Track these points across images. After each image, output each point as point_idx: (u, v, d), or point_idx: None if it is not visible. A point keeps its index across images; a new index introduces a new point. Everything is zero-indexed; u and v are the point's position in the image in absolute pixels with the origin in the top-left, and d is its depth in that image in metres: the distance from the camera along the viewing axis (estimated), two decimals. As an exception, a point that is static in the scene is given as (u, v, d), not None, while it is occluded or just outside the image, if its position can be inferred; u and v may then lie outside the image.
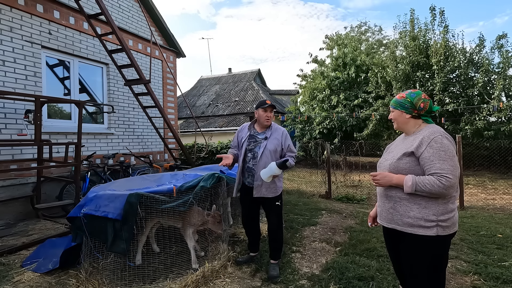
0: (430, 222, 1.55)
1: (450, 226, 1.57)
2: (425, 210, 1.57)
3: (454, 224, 1.60)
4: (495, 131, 9.10)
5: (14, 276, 2.76)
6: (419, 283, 1.63)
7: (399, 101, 1.74)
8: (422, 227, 1.57)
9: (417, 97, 1.69)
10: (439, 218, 1.55)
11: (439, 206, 1.56)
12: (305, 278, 2.78)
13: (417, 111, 1.69)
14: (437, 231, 1.55)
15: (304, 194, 7.17)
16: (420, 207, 1.58)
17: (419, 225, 1.57)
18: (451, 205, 1.59)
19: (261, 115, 2.88)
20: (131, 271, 2.67)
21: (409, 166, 1.63)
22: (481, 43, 10.07)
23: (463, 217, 4.87)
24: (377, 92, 11.88)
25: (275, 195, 2.84)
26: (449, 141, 1.58)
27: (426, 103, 1.68)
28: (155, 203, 2.66)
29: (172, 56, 8.03)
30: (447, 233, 1.56)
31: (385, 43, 18.65)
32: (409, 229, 1.60)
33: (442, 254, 1.62)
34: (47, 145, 4.52)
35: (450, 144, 1.57)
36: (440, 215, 1.55)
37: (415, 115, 1.70)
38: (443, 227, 1.55)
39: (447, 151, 1.54)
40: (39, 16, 4.91)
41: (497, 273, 2.76)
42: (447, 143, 1.56)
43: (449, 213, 1.57)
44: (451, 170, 1.51)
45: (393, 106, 1.78)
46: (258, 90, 17.52)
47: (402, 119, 1.74)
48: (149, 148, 7.14)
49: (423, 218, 1.57)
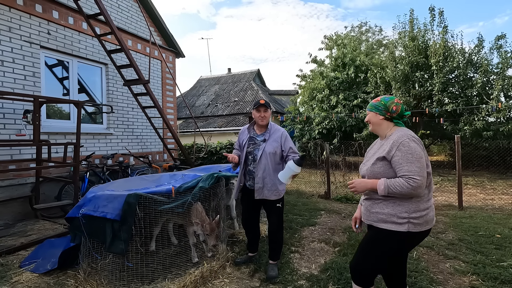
0: (403, 219, 1.67)
1: (422, 223, 1.67)
2: (398, 208, 1.69)
3: (426, 222, 1.68)
4: (494, 131, 9.12)
5: (12, 277, 2.76)
6: (365, 262, 1.80)
7: (374, 104, 1.87)
8: (394, 223, 1.69)
9: (390, 101, 1.82)
10: (411, 215, 1.66)
11: (412, 204, 1.67)
12: (304, 279, 2.78)
13: (389, 113, 1.82)
14: (408, 227, 1.66)
15: (303, 194, 7.17)
16: (394, 205, 1.70)
17: (392, 221, 1.69)
18: (424, 203, 1.68)
19: (255, 116, 2.88)
20: (130, 271, 2.67)
21: (383, 170, 1.75)
22: (480, 44, 10.09)
23: (462, 217, 4.88)
24: (376, 92, 11.89)
25: (277, 198, 2.83)
26: (416, 144, 1.67)
27: (398, 107, 1.81)
28: (154, 204, 2.66)
29: (171, 56, 8.03)
30: (418, 230, 1.67)
31: (384, 44, 18.69)
32: (383, 224, 1.73)
33: (405, 249, 1.75)
34: (46, 145, 4.52)
35: (418, 147, 1.67)
36: (412, 212, 1.66)
37: (388, 117, 1.83)
38: (414, 224, 1.66)
39: (414, 153, 1.64)
40: (38, 16, 4.91)
41: (496, 273, 2.76)
42: (414, 146, 1.66)
43: (421, 211, 1.67)
44: (418, 171, 1.61)
45: (368, 109, 1.91)
46: (257, 90, 17.53)
47: (376, 120, 1.87)
48: (148, 148, 7.14)
49: (396, 215, 1.68)
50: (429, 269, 2.94)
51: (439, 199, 6.72)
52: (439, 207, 5.86)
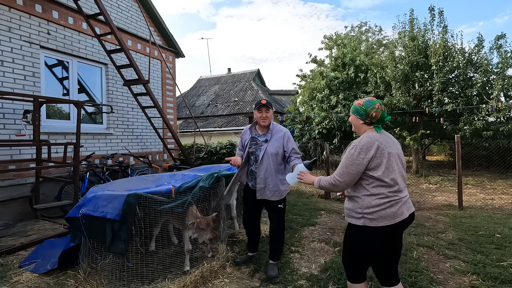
0: (358, 214, 1.85)
1: (377, 219, 1.79)
2: (355, 204, 1.88)
3: (383, 218, 1.79)
4: (493, 131, 9.12)
5: (12, 277, 2.75)
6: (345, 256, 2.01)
7: (357, 107, 1.95)
8: (353, 218, 1.89)
9: (371, 106, 1.89)
10: (364, 211, 1.82)
11: (363, 202, 1.83)
12: (304, 278, 2.78)
13: (369, 118, 1.90)
14: (364, 222, 1.82)
15: (303, 194, 7.17)
16: (353, 201, 1.90)
17: (352, 216, 1.90)
18: (376, 201, 1.80)
19: (257, 116, 2.87)
20: (130, 271, 2.67)
21: None
22: (480, 43, 10.09)
23: (462, 217, 4.88)
24: (376, 92, 11.88)
25: (279, 198, 2.83)
26: (356, 152, 1.82)
27: (378, 113, 1.88)
28: (154, 204, 2.66)
29: (171, 56, 8.02)
30: (375, 225, 1.80)
31: (384, 43, 18.68)
32: (348, 218, 1.94)
33: (365, 242, 1.87)
34: (45, 145, 4.52)
35: (355, 155, 1.81)
36: (365, 208, 1.82)
37: (368, 122, 1.92)
38: (369, 219, 1.81)
39: (348, 158, 1.84)
40: (37, 16, 4.90)
41: (496, 273, 2.76)
42: (351, 152, 1.84)
43: (373, 207, 1.80)
44: (341, 173, 1.85)
45: (351, 111, 2.00)
46: (257, 90, 17.52)
47: (357, 124, 1.98)
48: (148, 148, 7.14)
49: (354, 210, 1.88)
50: (429, 269, 2.94)
51: (439, 199, 6.72)
52: (439, 207, 5.87)
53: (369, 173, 1.81)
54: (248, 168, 2.94)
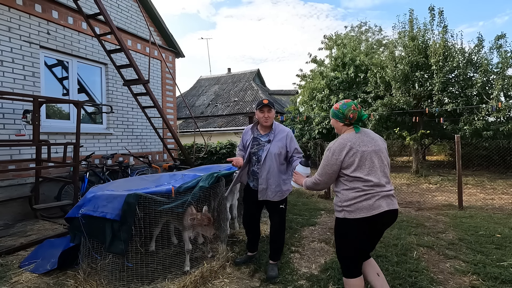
0: (339, 207, 2.03)
1: (354, 211, 1.94)
2: (337, 198, 2.07)
3: (360, 210, 1.93)
4: (493, 131, 9.11)
5: (12, 277, 2.75)
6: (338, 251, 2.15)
7: (335, 111, 2.11)
8: (337, 211, 2.06)
9: (347, 109, 2.04)
10: (343, 204, 1.99)
11: (342, 196, 2.00)
12: (304, 278, 2.78)
13: (348, 120, 2.05)
14: (344, 214, 1.99)
15: (303, 194, 7.16)
16: (336, 196, 2.09)
17: (336, 210, 2.08)
18: (352, 194, 1.96)
19: (259, 116, 2.85)
20: (130, 271, 2.66)
21: None
22: (480, 43, 10.08)
23: (462, 217, 4.87)
24: (376, 92, 11.87)
25: (280, 199, 2.82)
26: (331, 153, 1.99)
27: (355, 114, 2.03)
28: (154, 204, 2.65)
29: (171, 56, 8.02)
30: (353, 216, 1.94)
31: (384, 43, 18.66)
32: (335, 213, 2.10)
33: (348, 234, 2.02)
34: (45, 145, 4.51)
35: (329, 155, 1.99)
36: (344, 202, 1.99)
37: (347, 124, 2.08)
38: (348, 212, 1.97)
39: (325, 159, 2.02)
40: (37, 16, 4.90)
41: (496, 273, 2.76)
42: (327, 154, 2.02)
43: (350, 200, 1.96)
44: (320, 173, 2.05)
45: (331, 116, 2.16)
46: (257, 90, 17.52)
47: (338, 126, 2.13)
48: (148, 148, 7.14)
49: (336, 204, 2.06)
50: (429, 269, 2.94)
51: (439, 199, 6.72)
52: (439, 207, 5.86)
53: (343, 171, 1.98)
54: (249, 168, 2.93)
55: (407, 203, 6.30)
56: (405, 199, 6.79)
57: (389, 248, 3.43)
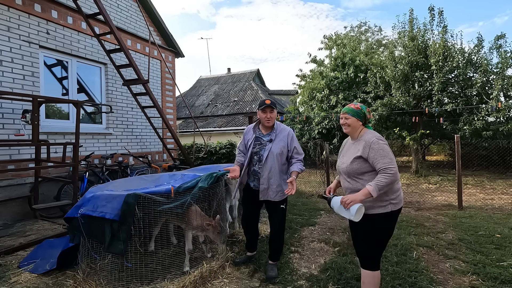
0: (385, 202, 2.05)
1: (399, 202, 2.08)
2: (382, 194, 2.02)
3: (401, 200, 2.10)
4: (493, 131, 9.11)
5: (11, 277, 2.75)
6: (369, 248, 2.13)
7: (356, 111, 2.19)
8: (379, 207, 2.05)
9: (366, 110, 2.22)
10: (391, 197, 2.04)
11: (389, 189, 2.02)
12: (304, 279, 2.78)
13: (366, 120, 2.22)
14: (391, 207, 2.05)
15: (303, 194, 7.16)
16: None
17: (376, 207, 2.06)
18: (397, 185, 2.07)
19: (261, 116, 2.85)
20: (129, 271, 2.66)
21: (359, 166, 2.11)
22: (480, 43, 10.07)
23: (462, 217, 4.87)
24: (376, 92, 11.87)
25: (281, 199, 2.82)
26: (383, 142, 2.07)
27: (371, 115, 2.24)
28: (153, 204, 2.65)
29: (170, 56, 8.01)
30: (397, 208, 2.07)
31: (384, 43, 18.66)
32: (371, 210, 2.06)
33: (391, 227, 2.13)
34: (44, 145, 4.51)
35: (385, 144, 2.06)
36: (392, 194, 2.05)
37: (363, 123, 2.23)
38: (394, 204, 2.06)
39: (384, 150, 2.03)
40: (37, 15, 4.89)
41: (496, 273, 2.76)
42: (382, 144, 2.05)
43: (396, 192, 2.07)
44: (390, 162, 2.00)
45: (350, 114, 2.20)
46: (257, 90, 17.52)
47: (356, 125, 2.21)
48: (148, 148, 7.13)
49: (380, 200, 2.03)
50: (429, 269, 2.94)
51: (439, 199, 6.71)
52: (439, 207, 5.86)
53: None
54: (250, 168, 2.93)
55: (406, 203, 6.30)
56: (405, 199, 6.78)
57: (388, 248, 3.42)
